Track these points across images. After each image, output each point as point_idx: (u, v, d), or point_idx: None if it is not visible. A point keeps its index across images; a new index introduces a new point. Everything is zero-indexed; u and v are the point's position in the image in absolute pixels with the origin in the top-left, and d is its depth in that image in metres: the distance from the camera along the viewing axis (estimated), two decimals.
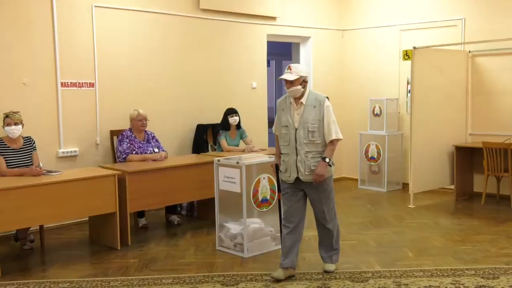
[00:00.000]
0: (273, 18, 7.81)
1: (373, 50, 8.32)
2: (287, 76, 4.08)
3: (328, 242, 4.37)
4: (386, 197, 7.54)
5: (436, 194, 7.35)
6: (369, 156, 8.10)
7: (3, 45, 5.41)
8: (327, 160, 4.07)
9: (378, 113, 7.97)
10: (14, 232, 5.21)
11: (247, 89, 7.60)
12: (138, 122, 5.79)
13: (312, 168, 4.06)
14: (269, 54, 7.98)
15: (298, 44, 8.54)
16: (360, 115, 8.37)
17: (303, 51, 8.52)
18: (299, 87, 4.08)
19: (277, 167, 4.34)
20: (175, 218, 6.06)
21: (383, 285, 4.06)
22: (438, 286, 4.03)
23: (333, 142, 4.10)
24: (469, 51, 7.25)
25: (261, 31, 7.71)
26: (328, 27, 8.54)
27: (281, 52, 10.08)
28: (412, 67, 6.63)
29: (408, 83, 7.72)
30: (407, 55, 7.62)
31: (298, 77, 4.06)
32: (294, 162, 4.10)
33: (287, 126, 4.14)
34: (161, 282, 4.19)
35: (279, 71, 11.31)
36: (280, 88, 11.19)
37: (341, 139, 4.13)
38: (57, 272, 4.50)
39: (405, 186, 7.66)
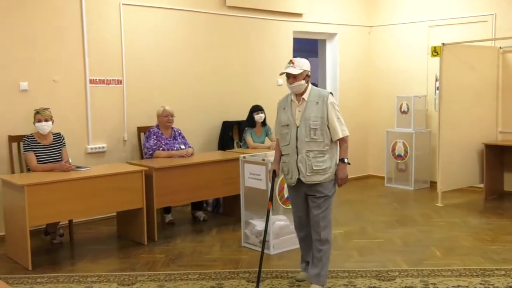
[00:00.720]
0: (299, 15, 7.78)
1: (401, 46, 8.22)
2: (291, 70, 3.81)
3: (316, 255, 3.90)
4: (413, 196, 7.45)
5: (464, 192, 7.23)
6: (396, 153, 8.01)
7: (34, 43, 5.51)
8: (346, 160, 3.84)
9: (406, 110, 7.87)
10: (44, 226, 5.32)
11: (272, 86, 7.59)
12: (164, 118, 5.84)
13: (314, 168, 3.77)
14: (295, 51, 7.94)
15: (324, 41, 8.49)
16: (387, 113, 8.28)
17: (329, 48, 8.46)
18: (303, 82, 3.82)
19: (274, 174, 4.05)
20: (201, 214, 6.10)
21: (410, 284, 4.02)
22: (467, 286, 3.97)
23: (344, 139, 3.84)
24: (500, 47, 7.11)
25: (287, 27, 7.69)
26: (355, 24, 8.46)
27: (307, 48, 10.03)
28: (440, 63, 6.54)
29: (436, 80, 7.61)
30: (435, 51, 7.49)
31: (301, 71, 3.80)
32: (295, 162, 3.82)
33: (288, 125, 3.88)
34: (187, 278, 4.22)
35: None
36: None
37: (348, 135, 3.88)
38: (86, 266, 4.58)
39: (433, 184, 7.56)
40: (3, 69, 5.32)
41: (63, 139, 5.29)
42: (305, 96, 3.85)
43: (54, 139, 5.20)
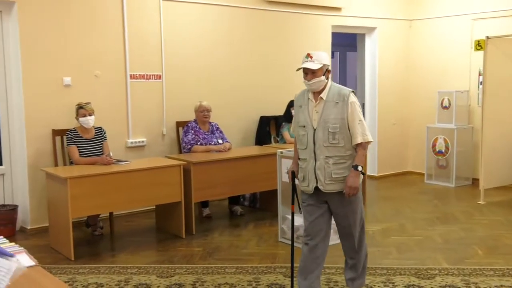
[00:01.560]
0: (339, 9, 7.70)
1: (443, 40, 8.02)
2: (309, 64, 3.37)
3: (352, 262, 3.64)
4: (454, 193, 7.29)
5: (508, 190, 7.01)
6: (437, 150, 7.85)
7: (77, 39, 5.64)
8: (359, 168, 3.36)
9: (447, 105, 7.70)
10: (86, 218, 5.45)
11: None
12: (200, 114, 5.90)
13: (334, 176, 3.36)
14: (333, 45, 7.88)
15: (363, 35, 8.38)
16: (427, 108, 8.10)
17: (369, 42, 8.35)
18: (323, 78, 3.39)
19: (293, 175, 3.65)
20: (238, 208, 6.13)
21: (451, 283, 3.93)
22: (510, 287, 3.86)
23: (362, 145, 3.39)
24: None
25: (325, 22, 7.62)
26: (395, 17, 8.31)
27: (346, 43, 9.93)
28: (484, 57, 6.36)
29: (480, 75, 7.40)
30: (479, 45, 7.30)
31: (321, 65, 3.37)
32: (312, 169, 3.41)
33: (304, 127, 3.45)
34: (224, 271, 4.26)
35: (343, 62, 11.15)
36: (343, 80, 11.04)
37: (370, 141, 3.42)
38: (125, 257, 4.67)
39: (475, 181, 7.37)
40: (47, 65, 5.46)
41: (105, 133, 5.40)
42: (324, 95, 3.41)
43: (96, 133, 5.31)
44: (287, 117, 6.56)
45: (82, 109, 5.16)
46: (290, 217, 4.98)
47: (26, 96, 5.37)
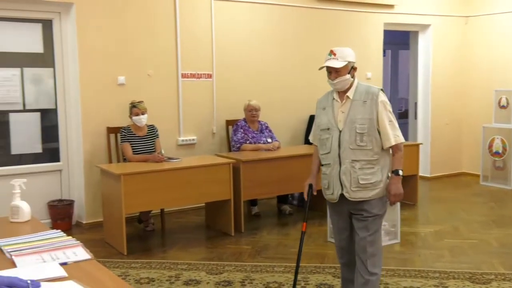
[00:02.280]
0: (391, 6, 7.55)
1: (501, 37, 7.72)
2: (332, 63, 3.11)
3: (362, 281, 3.20)
4: (511, 195, 7.01)
5: None
6: (493, 150, 7.57)
7: (131, 39, 5.77)
8: (400, 173, 3.13)
9: (505, 105, 7.42)
10: (138, 214, 5.58)
11: (361, 79, 7.42)
12: (249, 113, 5.92)
13: (361, 182, 3.07)
14: (385, 43, 7.73)
15: (416, 33, 8.18)
16: (483, 107, 7.83)
17: (422, 40, 8.14)
18: (348, 76, 3.13)
19: (310, 189, 3.39)
20: (286, 208, 6.12)
21: None
22: None
23: (398, 147, 3.13)
24: None
25: (377, 19, 7.49)
26: (450, 14, 8.07)
27: (398, 41, 9.72)
28: None
29: None
30: None
31: (346, 63, 3.11)
32: (337, 174, 3.13)
33: (328, 129, 3.18)
34: (273, 270, 4.26)
35: (395, 61, 10.93)
36: (395, 78, 10.82)
37: (403, 142, 3.17)
38: (176, 253, 4.75)
39: None
40: (103, 64, 5.62)
41: (157, 131, 5.51)
42: (350, 93, 3.15)
43: (148, 130, 5.43)
44: None
45: (135, 108, 5.28)
46: None
47: (83, 94, 5.55)
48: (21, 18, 5.40)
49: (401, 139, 3.15)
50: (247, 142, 5.83)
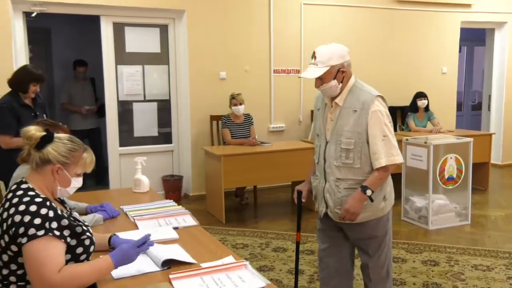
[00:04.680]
0: (468, 5, 7.05)
1: None
2: (307, 74, 2.33)
3: None
4: None
5: None
6: None
7: (231, 40, 5.84)
8: (367, 192, 2.24)
9: None
10: (234, 189, 5.70)
11: (437, 74, 7.06)
12: None
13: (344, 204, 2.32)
14: (461, 40, 7.24)
15: (492, 30, 7.58)
16: None
17: (498, 37, 7.53)
18: (333, 82, 2.31)
19: (299, 195, 2.58)
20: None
21: None
22: None
23: (386, 168, 2.25)
24: None
25: (454, 18, 7.03)
26: None
27: (473, 37, 9.06)
28: None
29: None
30: None
31: (326, 69, 2.29)
32: (322, 190, 2.42)
33: (318, 136, 2.47)
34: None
35: (470, 57, 10.20)
36: (469, 74, 10.12)
37: (395, 164, 2.26)
38: (266, 224, 4.81)
39: None
40: (208, 61, 5.76)
41: (252, 119, 5.58)
42: (340, 99, 2.35)
43: (245, 118, 5.51)
44: (413, 107, 6.22)
45: (234, 99, 5.38)
46: (412, 198, 4.77)
47: (191, 87, 5.73)
48: (143, 23, 5.65)
49: (397, 159, 2.26)
50: None
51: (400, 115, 6.67)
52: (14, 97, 3.55)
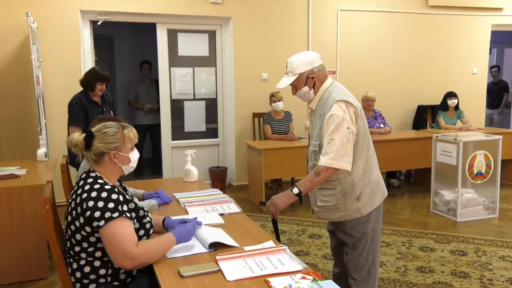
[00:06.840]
0: (500, 9, 6.71)
1: None
2: (280, 83, 2.26)
3: None
4: None
5: None
6: None
7: (272, 44, 5.81)
8: (295, 191, 2.14)
9: None
10: (269, 181, 5.68)
11: (467, 75, 6.77)
12: (365, 103, 5.69)
13: (319, 204, 2.25)
14: (491, 42, 6.91)
15: None
16: None
17: None
18: (305, 89, 2.22)
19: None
20: (395, 181, 5.84)
21: None
22: None
23: (325, 170, 2.06)
24: None
25: (485, 21, 6.71)
26: None
27: (504, 39, 8.63)
28: None
29: None
30: None
31: (295, 77, 2.21)
32: None
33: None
34: (382, 232, 4.09)
35: (500, 58, 9.72)
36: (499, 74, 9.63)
37: (335, 169, 2.06)
38: (302, 212, 4.77)
39: None
40: (251, 64, 5.75)
41: (291, 115, 5.54)
42: (313, 104, 2.26)
43: (284, 115, 5.48)
44: (443, 106, 5.99)
45: (273, 97, 5.36)
46: (442, 192, 4.60)
47: (236, 87, 5.76)
48: (194, 30, 5.72)
49: (337, 164, 2.04)
50: None
51: (430, 114, 6.45)
52: (84, 94, 3.70)
